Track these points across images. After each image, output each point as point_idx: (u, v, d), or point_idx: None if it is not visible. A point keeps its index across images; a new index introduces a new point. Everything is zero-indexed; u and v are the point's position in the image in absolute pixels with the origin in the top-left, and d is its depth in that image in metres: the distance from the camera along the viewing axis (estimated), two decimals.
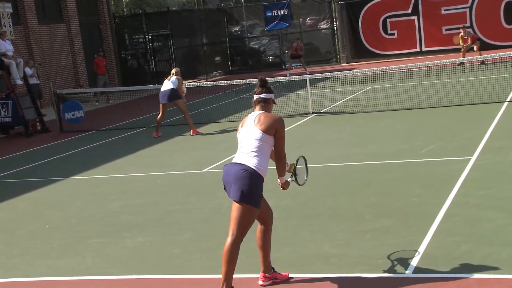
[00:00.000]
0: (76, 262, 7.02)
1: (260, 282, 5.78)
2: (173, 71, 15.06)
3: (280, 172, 5.67)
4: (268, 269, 5.76)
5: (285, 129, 5.64)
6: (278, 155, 5.62)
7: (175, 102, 14.79)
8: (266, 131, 5.49)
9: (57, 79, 25.36)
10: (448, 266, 5.74)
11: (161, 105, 14.89)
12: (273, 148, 5.64)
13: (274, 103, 5.81)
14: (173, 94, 14.65)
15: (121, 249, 7.29)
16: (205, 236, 7.42)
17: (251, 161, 5.45)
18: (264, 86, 5.71)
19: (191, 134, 14.91)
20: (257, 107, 5.71)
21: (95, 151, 14.45)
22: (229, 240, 5.48)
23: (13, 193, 10.82)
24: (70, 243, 7.73)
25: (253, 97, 5.77)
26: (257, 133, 5.49)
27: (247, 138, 5.54)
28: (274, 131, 5.52)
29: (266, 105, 5.70)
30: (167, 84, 14.74)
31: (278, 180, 5.70)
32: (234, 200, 5.46)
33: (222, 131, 14.89)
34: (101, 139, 15.97)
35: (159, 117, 15.09)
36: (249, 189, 5.39)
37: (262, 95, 5.69)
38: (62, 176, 11.78)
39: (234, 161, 5.57)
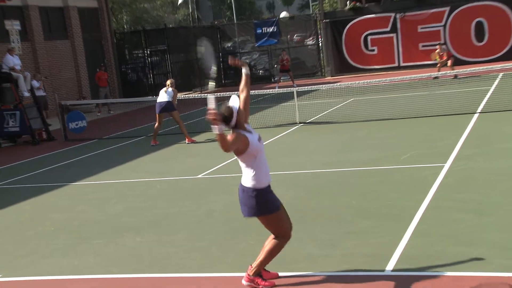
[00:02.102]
0: (78, 261, 6.99)
1: (243, 282, 5.71)
2: (168, 82, 15.05)
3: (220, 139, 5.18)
4: (255, 272, 5.65)
5: (239, 140, 5.34)
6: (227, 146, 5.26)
7: (170, 113, 14.80)
8: (236, 153, 5.43)
9: (62, 91, 25.31)
10: (424, 264, 5.76)
11: (157, 115, 14.90)
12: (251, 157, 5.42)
13: (234, 116, 5.40)
14: (169, 106, 14.67)
15: (121, 249, 7.27)
16: (199, 237, 7.42)
17: (244, 180, 5.50)
18: (226, 121, 5.36)
19: (187, 142, 14.90)
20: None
21: (97, 158, 14.42)
22: (276, 241, 5.53)
23: (20, 197, 10.78)
24: (73, 243, 7.71)
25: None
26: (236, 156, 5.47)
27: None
28: (237, 150, 5.37)
29: (235, 129, 5.44)
30: (163, 96, 14.74)
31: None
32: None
33: (215, 140, 14.87)
34: (103, 147, 15.94)
35: (156, 126, 15.09)
36: (250, 204, 5.44)
37: (231, 125, 5.41)
38: (66, 182, 11.74)
39: None
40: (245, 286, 5.68)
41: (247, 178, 5.47)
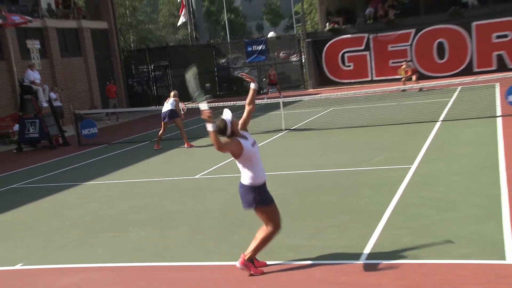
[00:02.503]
0: (90, 252, 6.94)
1: (238, 265, 5.69)
2: (172, 93, 15.04)
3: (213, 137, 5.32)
4: (249, 258, 5.69)
5: (234, 145, 5.42)
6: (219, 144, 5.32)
7: (173, 120, 14.77)
8: (234, 156, 5.54)
9: (76, 102, 25.21)
10: (394, 253, 5.76)
11: (162, 123, 14.86)
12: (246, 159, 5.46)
13: (228, 127, 5.49)
14: (172, 113, 14.66)
15: (127, 242, 7.23)
16: (197, 231, 7.38)
17: (243, 179, 5.58)
18: (222, 132, 5.46)
19: (186, 147, 14.86)
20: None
21: (107, 161, 14.35)
22: (268, 231, 5.60)
23: (38, 195, 10.71)
24: (85, 237, 7.66)
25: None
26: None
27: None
28: (234, 154, 5.47)
29: (231, 137, 5.53)
30: (167, 106, 14.73)
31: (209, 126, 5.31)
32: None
33: (211, 145, 14.84)
34: (112, 151, 15.86)
35: (161, 133, 15.04)
36: (247, 199, 5.52)
37: (227, 134, 5.50)
38: (79, 182, 11.67)
39: None
40: (239, 269, 5.66)
41: (245, 176, 5.55)
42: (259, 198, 5.52)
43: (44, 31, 24.62)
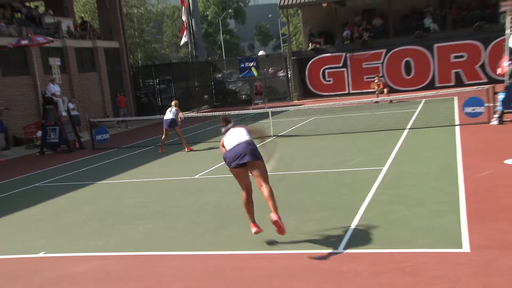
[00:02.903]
0: (103, 242, 6.91)
1: (276, 218, 5.77)
2: (173, 103, 14.98)
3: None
4: (277, 211, 5.89)
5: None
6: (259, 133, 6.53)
7: (173, 128, 14.72)
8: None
9: (91, 111, 25.09)
10: (368, 244, 5.78)
11: (164, 129, 14.81)
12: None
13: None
14: (173, 122, 14.61)
15: (135, 233, 7.20)
16: (196, 224, 7.37)
17: (250, 140, 6.08)
18: (230, 121, 6.33)
19: (186, 150, 14.82)
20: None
21: (117, 163, 14.28)
22: (265, 190, 5.90)
23: (58, 193, 10.64)
24: (99, 229, 7.62)
25: (225, 129, 6.34)
26: (244, 130, 6.19)
27: (239, 133, 6.08)
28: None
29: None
30: (168, 114, 14.68)
31: None
32: (253, 162, 5.89)
33: (208, 148, 14.83)
34: (121, 154, 15.80)
35: (163, 138, 14.99)
36: (257, 152, 5.95)
37: (230, 125, 6.34)
38: (93, 181, 11.61)
39: (235, 144, 6.01)
40: (232, 258, 5.69)
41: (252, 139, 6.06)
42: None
43: (64, 50, 24.54)
